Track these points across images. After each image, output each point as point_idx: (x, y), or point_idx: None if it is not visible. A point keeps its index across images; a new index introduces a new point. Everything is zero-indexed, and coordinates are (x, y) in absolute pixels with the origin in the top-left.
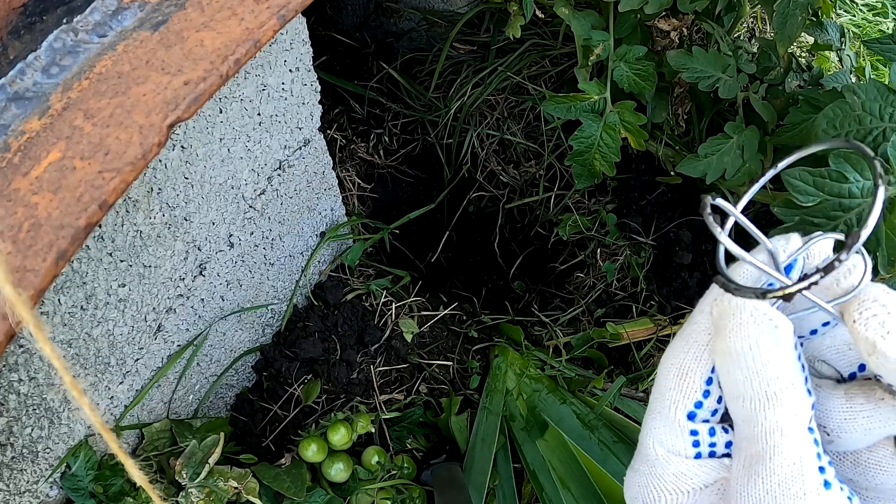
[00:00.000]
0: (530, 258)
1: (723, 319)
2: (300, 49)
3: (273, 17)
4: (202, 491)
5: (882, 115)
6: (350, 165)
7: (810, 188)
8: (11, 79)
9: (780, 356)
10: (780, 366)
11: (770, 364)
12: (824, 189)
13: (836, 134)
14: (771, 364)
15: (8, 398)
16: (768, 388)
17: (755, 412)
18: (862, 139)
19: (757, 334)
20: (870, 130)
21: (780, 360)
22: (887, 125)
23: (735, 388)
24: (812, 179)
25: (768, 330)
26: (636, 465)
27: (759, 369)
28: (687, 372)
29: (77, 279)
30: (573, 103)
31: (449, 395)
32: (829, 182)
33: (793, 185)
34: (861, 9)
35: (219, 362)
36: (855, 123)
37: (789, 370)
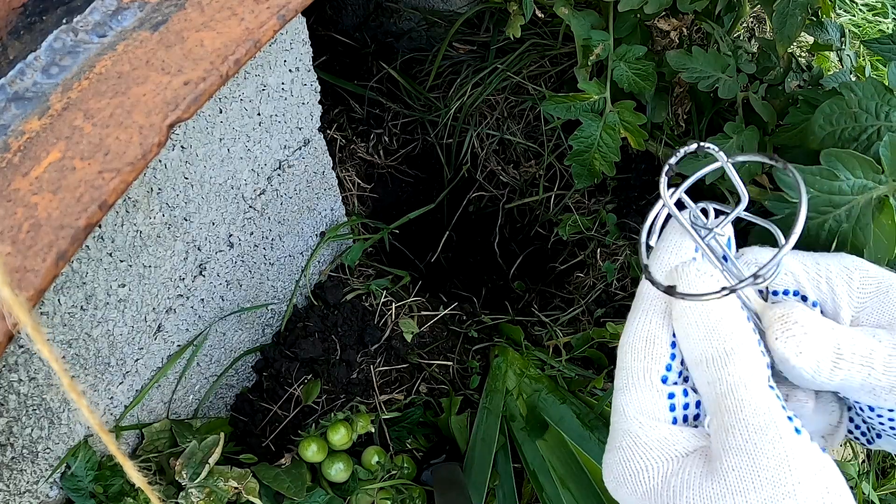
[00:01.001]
0: (530, 258)
1: (672, 281)
2: (300, 49)
3: (273, 17)
4: (202, 491)
5: (878, 114)
6: (350, 165)
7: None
8: (11, 79)
9: (730, 313)
10: (733, 322)
11: (723, 320)
12: (815, 186)
13: (831, 130)
14: (724, 320)
15: (8, 398)
16: (725, 344)
17: (718, 370)
18: (856, 137)
19: (697, 290)
20: (864, 128)
21: (730, 316)
22: (882, 124)
23: (696, 350)
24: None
25: (713, 286)
26: (616, 443)
27: (714, 325)
28: (653, 339)
29: (77, 279)
30: (573, 103)
31: (449, 395)
32: (820, 179)
33: (784, 181)
34: (861, 9)
35: (219, 362)
36: (851, 120)
37: (741, 327)
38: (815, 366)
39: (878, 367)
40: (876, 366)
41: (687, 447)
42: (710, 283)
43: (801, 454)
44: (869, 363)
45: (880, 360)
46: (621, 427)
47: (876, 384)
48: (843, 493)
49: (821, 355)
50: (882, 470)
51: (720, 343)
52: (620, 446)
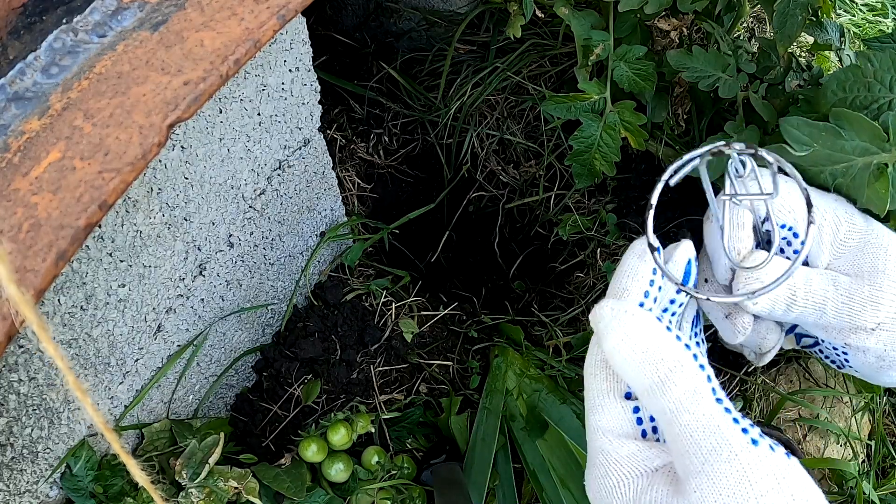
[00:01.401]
0: (530, 258)
1: (595, 325)
2: (300, 49)
3: (273, 17)
4: (202, 491)
5: (892, 86)
6: (350, 165)
7: (804, 138)
8: (11, 79)
9: (656, 339)
10: (661, 347)
11: (650, 349)
12: (818, 141)
13: (843, 97)
14: (651, 349)
15: (8, 398)
16: (658, 372)
17: (658, 399)
18: (867, 105)
19: (623, 328)
20: (876, 98)
21: (657, 342)
22: (895, 96)
23: (635, 383)
24: (808, 130)
25: (632, 321)
26: (591, 461)
27: (643, 356)
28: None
29: (77, 279)
30: (573, 103)
31: (449, 395)
32: (824, 135)
33: (789, 132)
34: (861, 9)
35: (219, 362)
36: (864, 90)
37: (671, 349)
38: (770, 307)
39: (829, 311)
40: (827, 310)
41: (656, 462)
42: (627, 319)
43: (759, 467)
44: (821, 307)
45: (832, 305)
46: (594, 445)
47: (826, 324)
48: (811, 497)
49: (776, 301)
50: (882, 470)
51: (653, 372)
52: (595, 463)
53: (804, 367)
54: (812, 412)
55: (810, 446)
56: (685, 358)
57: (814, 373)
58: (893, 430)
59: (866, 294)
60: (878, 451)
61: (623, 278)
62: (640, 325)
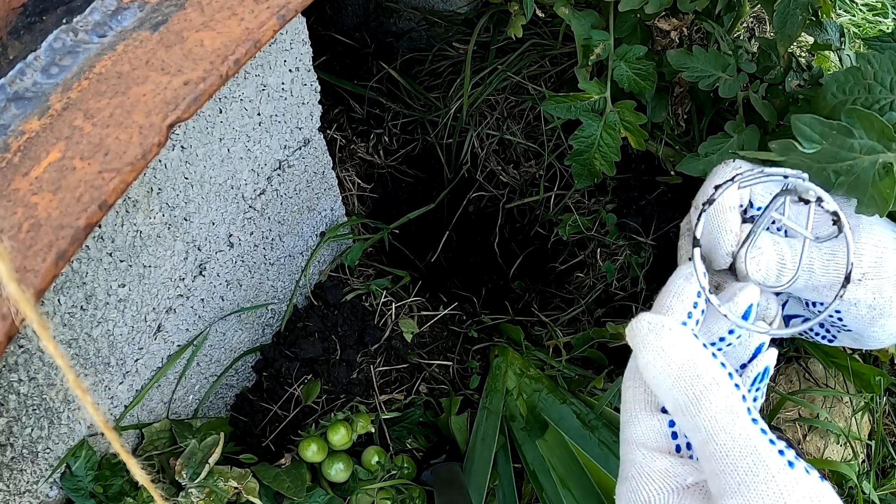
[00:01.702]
0: (530, 258)
1: (630, 340)
2: (300, 49)
3: (273, 17)
4: (202, 491)
5: (892, 87)
6: (350, 165)
7: (814, 135)
8: (11, 79)
9: (692, 356)
10: (697, 364)
11: (686, 365)
12: (827, 139)
13: (843, 99)
14: (687, 365)
15: (8, 398)
16: (694, 389)
17: (693, 417)
18: (868, 107)
19: (660, 342)
20: (877, 100)
21: (694, 359)
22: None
23: (669, 400)
24: (819, 127)
25: (669, 336)
26: (625, 474)
27: (679, 372)
28: None
29: (77, 279)
30: (573, 103)
31: (449, 395)
32: (833, 133)
33: (799, 128)
34: (861, 9)
35: (219, 362)
36: (864, 91)
37: (707, 367)
38: (763, 275)
39: (817, 269)
40: (815, 269)
41: (689, 479)
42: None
43: (795, 490)
44: (809, 267)
45: (819, 265)
46: (628, 457)
47: (817, 283)
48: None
49: (769, 266)
50: (882, 470)
51: (689, 388)
52: (627, 476)
53: (804, 367)
54: (812, 412)
55: (810, 446)
56: (721, 376)
57: (814, 373)
58: (893, 430)
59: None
60: (878, 451)
61: (668, 298)
62: (678, 340)
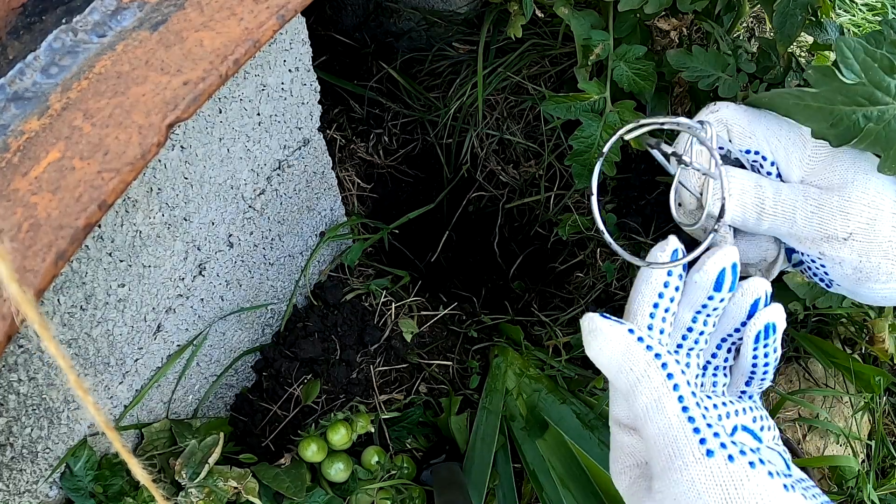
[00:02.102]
0: (530, 258)
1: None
2: (300, 49)
3: (272, 17)
4: (202, 491)
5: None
6: (350, 165)
7: (856, 66)
8: (11, 79)
9: (624, 352)
10: (628, 360)
11: (620, 361)
12: (867, 73)
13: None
14: (621, 361)
15: (8, 398)
16: (629, 377)
17: (631, 405)
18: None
19: (598, 339)
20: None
21: (626, 355)
22: None
23: (616, 385)
24: (862, 57)
25: (602, 336)
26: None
27: (618, 363)
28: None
29: (76, 279)
30: (573, 103)
31: (449, 395)
32: (876, 67)
33: (843, 53)
34: (861, 9)
35: (218, 362)
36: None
37: (637, 362)
38: (741, 218)
39: (799, 219)
40: (797, 218)
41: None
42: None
43: (707, 480)
44: (791, 216)
45: (801, 215)
46: (611, 432)
47: (798, 234)
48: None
49: (746, 210)
50: (882, 470)
51: (624, 382)
52: (611, 449)
53: (804, 367)
54: (812, 412)
55: (810, 446)
56: (652, 368)
57: (814, 373)
58: (893, 430)
59: (835, 204)
60: (878, 451)
61: (630, 303)
62: (612, 338)
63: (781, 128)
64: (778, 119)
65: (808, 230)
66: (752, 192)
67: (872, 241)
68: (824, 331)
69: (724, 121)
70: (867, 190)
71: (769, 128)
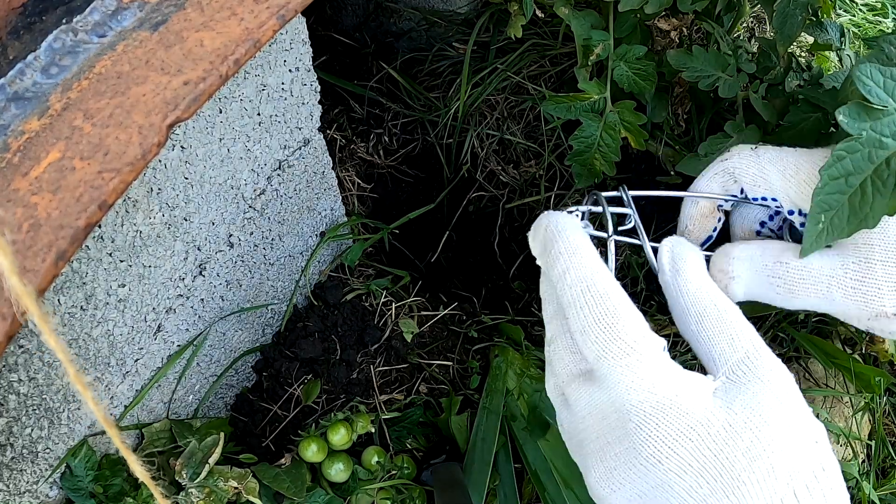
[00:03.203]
0: (530, 258)
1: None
2: (300, 49)
3: (273, 17)
4: (202, 491)
5: None
6: (350, 165)
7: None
8: (11, 79)
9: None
10: (551, 231)
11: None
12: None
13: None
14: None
15: (8, 398)
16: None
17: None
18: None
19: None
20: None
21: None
22: None
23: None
24: (882, 80)
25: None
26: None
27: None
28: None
29: (77, 279)
30: (573, 103)
31: (449, 395)
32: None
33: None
34: (861, 9)
35: (219, 362)
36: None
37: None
38: (761, 298)
39: (838, 297)
40: (836, 296)
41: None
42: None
43: (625, 312)
44: (826, 293)
45: (840, 291)
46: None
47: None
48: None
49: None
50: (882, 470)
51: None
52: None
53: (804, 366)
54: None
55: None
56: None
57: (814, 373)
58: (893, 430)
59: (880, 275)
60: (878, 451)
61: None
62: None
63: (800, 166)
64: (795, 154)
65: (852, 308)
66: (765, 270)
67: None
68: (824, 331)
69: (733, 171)
70: None
71: (785, 169)
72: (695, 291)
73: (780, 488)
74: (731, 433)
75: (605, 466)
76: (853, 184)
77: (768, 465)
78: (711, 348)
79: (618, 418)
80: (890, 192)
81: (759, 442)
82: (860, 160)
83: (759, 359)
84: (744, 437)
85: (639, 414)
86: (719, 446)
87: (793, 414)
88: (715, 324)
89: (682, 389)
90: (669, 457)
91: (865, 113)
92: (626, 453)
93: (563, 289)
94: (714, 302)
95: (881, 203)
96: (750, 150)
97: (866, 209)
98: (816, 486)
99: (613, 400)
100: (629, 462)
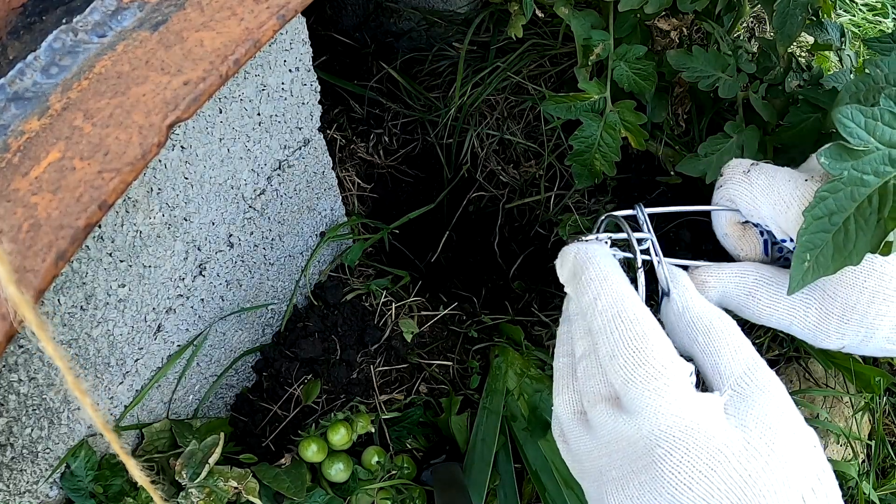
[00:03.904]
0: (530, 258)
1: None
2: (300, 49)
3: (273, 17)
4: (202, 491)
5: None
6: (350, 165)
7: (862, 132)
8: (11, 79)
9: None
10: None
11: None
12: (875, 134)
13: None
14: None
15: (8, 398)
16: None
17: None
18: None
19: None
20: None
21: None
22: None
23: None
24: (863, 120)
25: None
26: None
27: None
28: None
29: (77, 279)
30: (573, 103)
31: (449, 395)
32: (881, 126)
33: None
34: (861, 9)
35: (219, 362)
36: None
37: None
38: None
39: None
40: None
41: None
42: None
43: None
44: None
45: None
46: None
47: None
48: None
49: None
50: (882, 470)
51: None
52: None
53: (804, 366)
54: (812, 412)
55: None
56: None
57: (814, 373)
58: (893, 430)
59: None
60: (878, 451)
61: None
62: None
63: (791, 201)
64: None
65: (807, 339)
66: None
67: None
68: None
69: (731, 199)
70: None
71: (776, 203)
72: (700, 307)
73: (792, 496)
74: (750, 451)
75: (625, 494)
76: (836, 222)
77: (783, 477)
78: (718, 360)
79: (644, 445)
80: (872, 230)
81: (774, 455)
82: (843, 199)
83: (759, 370)
84: (762, 453)
85: (668, 440)
86: (742, 465)
87: (794, 423)
88: (721, 336)
89: (704, 413)
90: (699, 482)
91: (847, 153)
92: (652, 482)
93: (593, 315)
94: (717, 315)
95: (864, 240)
96: (742, 176)
97: (850, 246)
98: (820, 488)
99: (641, 426)
100: (655, 490)
